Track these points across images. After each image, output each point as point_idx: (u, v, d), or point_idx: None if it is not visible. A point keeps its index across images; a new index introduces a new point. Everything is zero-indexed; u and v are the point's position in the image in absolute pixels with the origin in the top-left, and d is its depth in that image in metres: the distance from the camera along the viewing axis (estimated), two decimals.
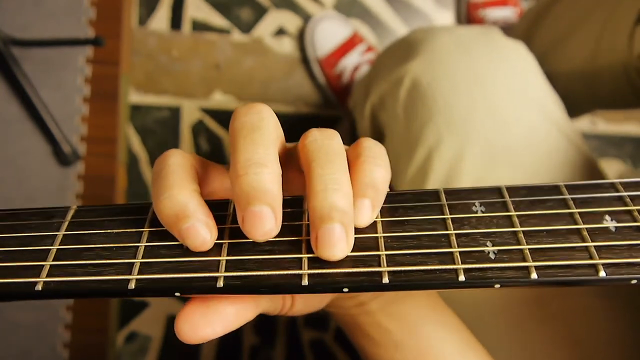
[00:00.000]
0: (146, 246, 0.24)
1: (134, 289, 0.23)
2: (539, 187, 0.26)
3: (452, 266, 0.23)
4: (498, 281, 0.22)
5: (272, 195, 0.22)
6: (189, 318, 0.23)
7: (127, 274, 0.23)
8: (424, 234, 0.24)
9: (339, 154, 0.24)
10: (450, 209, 0.25)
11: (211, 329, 0.24)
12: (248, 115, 0.24)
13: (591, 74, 0.60)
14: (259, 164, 0.23)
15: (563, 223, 0.24)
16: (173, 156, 0.25)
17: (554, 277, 0.22)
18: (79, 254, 0.24)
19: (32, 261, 0.24)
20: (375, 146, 0.25)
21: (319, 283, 0.23)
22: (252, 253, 0.24)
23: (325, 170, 0.23)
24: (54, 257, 0.24)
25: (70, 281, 0.23)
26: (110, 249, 0.24)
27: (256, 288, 0.23)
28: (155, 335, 0.97)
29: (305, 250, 0.24)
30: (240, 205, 0.23)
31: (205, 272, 0.23)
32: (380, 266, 0.23)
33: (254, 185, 0.22)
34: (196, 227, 0.23)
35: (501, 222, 0.24)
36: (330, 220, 0.22)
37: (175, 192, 0.23)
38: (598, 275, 0.22)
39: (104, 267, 0.24)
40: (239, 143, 0.23)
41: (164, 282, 0.23)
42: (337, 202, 0.23)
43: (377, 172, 0.24)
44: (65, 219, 0.26)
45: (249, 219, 0.22)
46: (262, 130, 0.24)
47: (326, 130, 0.25)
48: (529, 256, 0.23)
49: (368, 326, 0.32)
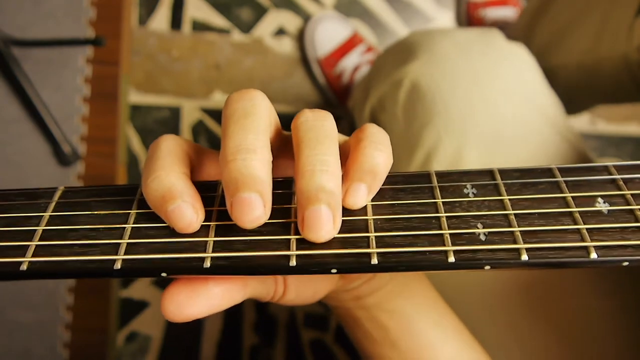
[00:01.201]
0: (133, 227, 0.24)
1: (120, 269, 0.23)
2: (531, 170, 0.26)
3: (442, 247, 0.22)
4: (488, 262, 0.22)
5: (261, 182, 0.22)
6: (175, 297, 0.23)
7: (113, 254, 0.23)
8: (415, 217, 0.24)
9: (330, 135, 0.24)
10: (442, 191, 0.25)
11: (197, 308, 0.24)
12: (240, 101, 0.24)
13: (592, 67, 0.60)
14: (248, 149, 0.22)
15: (555, 206, 0.24)
16: (166, 140, 0.25)
17: (545, 258, 0.22)
18: (65, 234, 0.24)
19: (17, 241, 0.24)
20: (379, 132, 0.25)
21: (307, 264, 0.22)
22: (240, 234, 0.24)
23: (313, 151, 0.23)
24: (40, 237, 0.24)
25: (56, 261, 0.23)
26: (97, 230, 0.24)
27: (243, 269, 0.23)
28: (155, 335, 0.97)
29: (294, 232, 0.23)
30: (228, 191, 0.22)
31: (192, 252, 0.23)
32: (369, 247, 0.23)
33: (242, 172, 0.22)
34: (182, 208, 0.23)
35: (492, 204, 0.24)
36: (318, 201, 0.22)
37: (163, 174, 0.23)
38: (589, 257, 0.22)
39: (90, 248, 0.24)
40: (229, 129, 0.23)
41: (150, 262, 0.23)
42: (325, 183, 0.22)
43: (378, 157, 0.24)
44: (52, 200, 0.26)
45: (237, 205, 0.22)
46: (253, 116, 0.23)
47: (319, 112, 0.25)
48: (520, 238, 0.23)
49: (364, 321, 0.32)
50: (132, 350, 0.96)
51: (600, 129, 1.06)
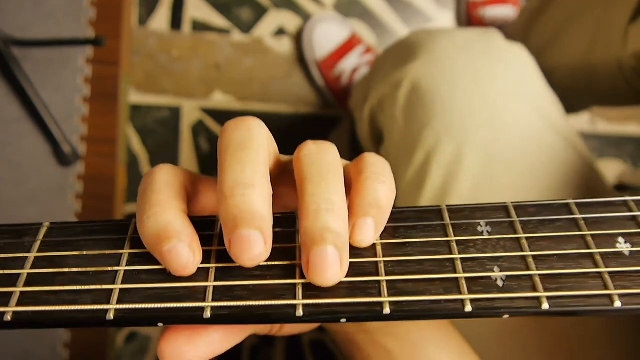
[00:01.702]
0: (126, 271, 0.22)
1: (113, 320, 0.21)
2: (547, 205, 0.24)
3: (458, 296, 0.21)
4: (507, 311, 0.21)
5: (260, 218, 0.21)
6: (173, 342, 0.22)
7: (105, 303, 0.21)
8: (427, 259, 0.23)
9: (335, 170, 0.23)
10: (455, 229, 0.24)
11: (196, 353, 0.22)
12: (236, 131, 0.23)
13: (587, 70, 0.60)
14: (246, 184, 0.21)
15: (574, 246, 0.23)
16: (160, 172, 0.24)
17: (567, 307, 0.21)
18: (52, 278, 0.22)
19: (1, 287, 0.22)
20: (379, 162, 0.24)
21: (315, 313, 0.21)
22: (242, 278, 0.22)
23: (318, 189, 0.22)
24: (25, 282, 0.22)
25: (43, 311, 0.21)
26: (87, 274, 0.22)
27: (246, 319, 0.21)
28: (155, 335, 0.97)
29: (299, 275, 0.22)
30: (227, 228, 0.21)
31: (191, 301, 0.21)
32: (380, 294, 0.21)
33: (241, 208, 0.21)
34: (178, 248, 0.21)
35: (509, 244, 0.23)
36: (323, 242, 0.21)
37: (159, 211, 0.22)
38: (613, 306, 0.21)
39: (79, 295, 0.22)
40: (226, 162, 0.22)
41: (146, 312, 0.21)
42: (331, 223, 0.21)
43: (381, 190, 0.23)
44: (37, 238, 0.24)
45: (236, 243, 0.21)
46: (250, 148, 0.22)
47: (322, 144, 0.24)
48: (540, 284, 0.21)
49: (366, 345, 0.30)
50: (132, 350, 0.96)
51: (600, 129, 1.06)
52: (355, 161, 0.24)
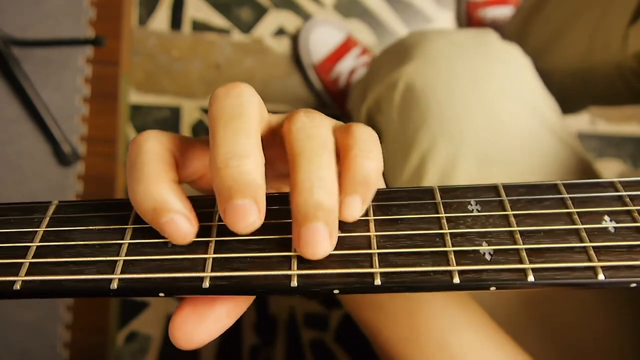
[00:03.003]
0: (129, 244, 0.24)
1: (116, 289, 0.22)
2: (536, 186, 0.25)
3: (446, 267, 0.22)
4: (494, 283, 0.22)
5: (254, 187, 0.22)
6: (183, 327, 0.23)
7: (109, 273, 0.23)
8: (418, 233, 0.23)
9: (326, 145, 0.23)
10: (445, 207, 0.25)
11: (207, 333, 0.23)
12: (227, 99, 0.23)
13: (586, 71, 0.60)
14: (240, 155, 0.22)
15: (561, 223, 0.23)
16: (147, 142, 0.24)
17: (552, 279, 0.22)
18: (59, 251, 0.24)
19: (10, 258, 0.23)
20: (368, 137, 0.24)
21: (309, 284, 0.22)
22: (240, 251, 0.23)
23: (310, 166, 0.22)
24: (34, 254, 0.23)
25: (50, 280, 0.23)
26: (93, 247, 0.24)
27: (243, 289, 0.22)
28: (155, 335, 0.97)
29: (294, 249, 0.23)
30: (221, 197, 0.22)
31: (191, 271, 0.22)
32: (372, 266, 0.22)
33: (235, 178, 0.21)
34: (175, 220, 0.22)
35: (497, 221, 0.24)
36: (315, 219, 0.22)
37: (151, 185, 0.23)
38: (597, 279, 0.21)
39: (85, 266, 0.23)
40: (219, 132, 0.22)
41: (148, 282, 0.22)
42: (323, 200, 0.22)
43: (369, 167, 0.23)
44: (46, 215, 0.25)
45: (231, 212, 0.22)
46: (242, 117, 0.22)
47: (314, 116, 0.24)
48: (526, 258, 0.22)
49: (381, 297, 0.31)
50: (132, 350, 0.96)
51: (600, 129, 1.06)
52: (344, 131, 0.24)
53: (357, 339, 0.96)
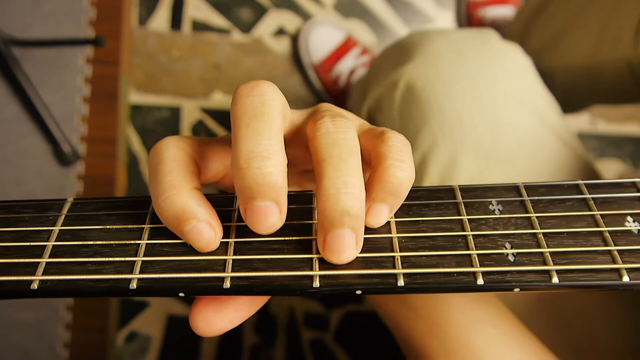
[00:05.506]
0: (148, 244, 0.23)
1: (136, 289, 0.22)
2: (557, 186, 0.25)
3: (470, 269, 0.22)
4: (518, 285, 0.21)
5: (276, 189, 0.21)
6: (203, 314, 0.23)
7: (128, 273, 0.22)
8: (440, 235, 0.23)
9: (353, 150, 0.23)
10: (467, 207, 0.24)
11: (227, 321, 0.23)
12: (250, 97, 0.22)
13: (593, 69, 0.60)
14: (262, 156, 0.21)
15: (584, 224, 0.23)
16: (168, 149, 0.24)
17: (576, 281, 0.21)
18: (76, 250, 0.23)
19: (27, 257, 0.23)
20: (403, 146, 0.24)
21: (331, 285, 0.22)
22: (260, 252, 0.23)
23: (337, 172, 0.22)
24: (50, 254, 0.23)
25: (68, 280, 0.22)
26: (110, 246, 0.23)
27: (264, 289, 0.22)
28: (155, 335, 0.97)
29: (316, 250, 0.23)
30: (242, 197, 0.22)
31: (211, 271, 0.22)
32: (394, 267, 0.22)
33: (257, 180, 0.21)
34: (199, 227, 0.22)
35: (520, 222, 0.24)
36: (342, 225, 0.22)
37: (174, 193, 0.22)
38: (622, 280, 0.21)
39: (103, 265, 0.23)
40: (241, 132, 0.22)
41: (168, 281, 0.22)
42: (350, 207, 0.22)
43: (402, 177, 0.23)
44: (61, 213, 0.25)
45: (252, 213, 0.22)
46: (265, 116, 0.22)
47: (339, 121, 0.24)
48: (550, 259, 0.22)
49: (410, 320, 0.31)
50: (132, 350, 0.96)
51: (600, 129, 1.06)
52: (377, 137, 0.24)
53: (357, 339, 0.96)
